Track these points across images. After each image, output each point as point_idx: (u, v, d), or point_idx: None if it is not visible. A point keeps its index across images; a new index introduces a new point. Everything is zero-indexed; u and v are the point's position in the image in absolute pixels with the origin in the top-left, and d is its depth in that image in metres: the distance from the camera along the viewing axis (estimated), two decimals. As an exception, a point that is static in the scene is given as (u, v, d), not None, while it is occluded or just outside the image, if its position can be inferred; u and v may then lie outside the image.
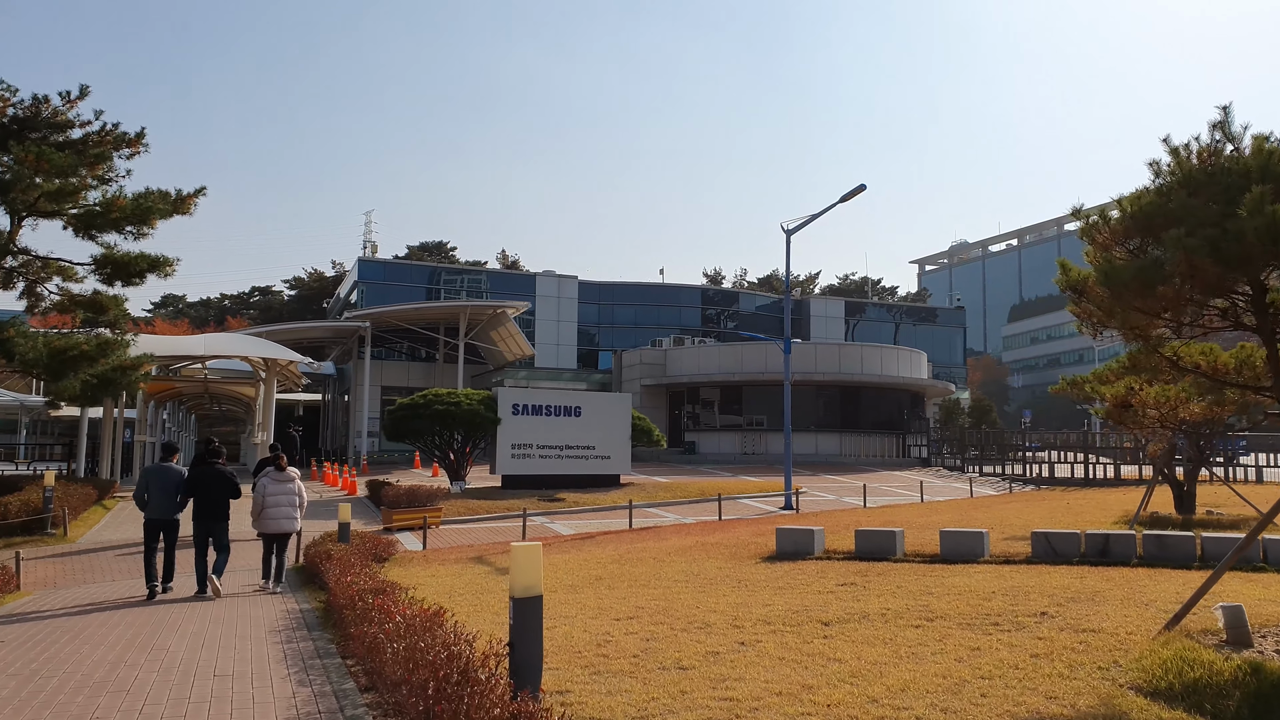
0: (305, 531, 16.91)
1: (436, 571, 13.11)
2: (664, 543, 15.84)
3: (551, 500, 22.49)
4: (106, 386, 19.91)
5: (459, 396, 23.70)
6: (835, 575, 10.55)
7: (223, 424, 72.25)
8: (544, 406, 24.73)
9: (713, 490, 25.56)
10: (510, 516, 20.87)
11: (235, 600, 10.94)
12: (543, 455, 24.57)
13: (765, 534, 16.35)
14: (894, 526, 13.15)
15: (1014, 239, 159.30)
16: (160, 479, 11.11)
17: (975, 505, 22.97)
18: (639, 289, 56.76)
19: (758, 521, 20.23)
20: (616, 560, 13.30)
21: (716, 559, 12.83)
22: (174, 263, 19.61)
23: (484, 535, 18.30)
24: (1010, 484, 30.40)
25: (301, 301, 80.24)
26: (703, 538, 16.26)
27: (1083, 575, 9.75)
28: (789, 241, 24.42)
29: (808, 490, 27.63)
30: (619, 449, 25.80)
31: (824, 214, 23.66)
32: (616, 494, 23.99)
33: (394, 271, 51.68)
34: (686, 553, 13.85)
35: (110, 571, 14.05)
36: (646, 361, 41.81)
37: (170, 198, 18.98)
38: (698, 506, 23.46)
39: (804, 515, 21.73)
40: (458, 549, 16.22)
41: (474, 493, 23.18)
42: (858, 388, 38.26)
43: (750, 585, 10.11)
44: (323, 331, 42.66)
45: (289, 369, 29.13)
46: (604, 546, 15.65)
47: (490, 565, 13.67)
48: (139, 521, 11.40)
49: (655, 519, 20.91)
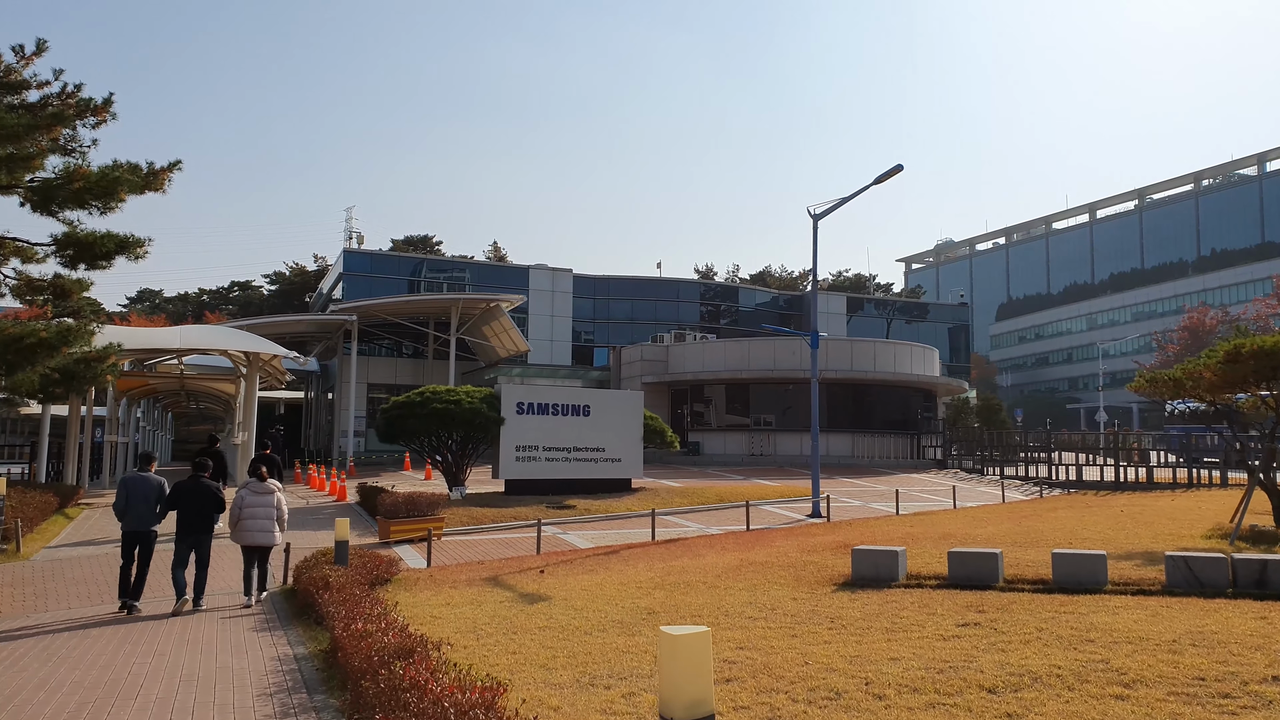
0: (295, 545, 15.08)
1: (450, 597, 11.22)
2: (702, 560, 13.99)
3: (561, 508, 20.61)
4: (70, 381, 17.80)
5: (459, 394, 21.74)
6: (944, 611, 8.74)
7: (201, 422, 69.72)
8: (551, 405, 22.80)
9: (730, 495, 23.76)
10: (518, 526, 18.98)
11: (215, 639, 9.01)
12: (549, 458, 22.66)
13: (814, 550, 14.55)
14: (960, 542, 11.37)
15: (1001, 237, 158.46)
16: (138, 489, 10.77)
17: (1020, 513, 21.25)
18: (636, 283, 54.67)
19: (792, 533, 18.43)
20: (660, 585, 11.45)
21: (780, 585, 10.99)
22: (145, 244, 17.55)
23: (492, 548, 16.40)
24: (1040, 488, 28.75)
25: (282, 296, 77.84)
26: (744, 554, 14.42)
27: (1266, 614, 7.99)
28: (816, 227, 22.64)
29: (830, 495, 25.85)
30: (631, 451, 23.92)
31: (856, 197, 21.89)
32: (630, 500, 22.12)
33: (381, 263, 49.38)
34: (737, 575, 12.02)
35: (65, 595, 12.06)
36: (647, 358, 39.89)
37: (141, 170, 16.92)
38: (718, 514, 21.62)
39: (838, 525, 19.94)
40: (467, 566, 14.32)
41: (475, 499, 21.25)
42: (870, 386, 36.51)
43: (847, 625, 8.28)
44: (306, 325, 40.49)
45: (272, 364, 27.03)
46: (635, 565, 13.78)
47: (510, 590, 11.78)
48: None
49: (677, 529, 19.07)
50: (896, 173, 20.95)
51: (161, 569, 11.76)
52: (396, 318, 39.73)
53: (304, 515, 19.96)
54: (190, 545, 10.83)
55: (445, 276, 50.59)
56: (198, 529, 10.86)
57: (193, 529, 10.83)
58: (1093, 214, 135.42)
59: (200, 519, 10.90)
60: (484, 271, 50.99)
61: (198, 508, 10.89)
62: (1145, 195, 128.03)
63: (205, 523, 10.95)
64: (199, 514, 10.89)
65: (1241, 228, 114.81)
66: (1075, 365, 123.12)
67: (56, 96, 15.93)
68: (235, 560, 14.36)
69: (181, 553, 10.77)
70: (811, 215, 22.58)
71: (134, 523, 10.72)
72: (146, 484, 10.87)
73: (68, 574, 13.61)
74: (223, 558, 14.32)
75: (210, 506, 11.00)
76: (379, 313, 38.36)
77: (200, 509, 10.91)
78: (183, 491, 10.89)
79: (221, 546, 14.09)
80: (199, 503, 10.91)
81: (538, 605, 10.36)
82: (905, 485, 29.53)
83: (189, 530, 10.80)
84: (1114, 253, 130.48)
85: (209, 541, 11.06)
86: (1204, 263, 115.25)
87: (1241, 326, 79.74)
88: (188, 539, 10.80)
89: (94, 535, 16.99)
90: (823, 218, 22.52)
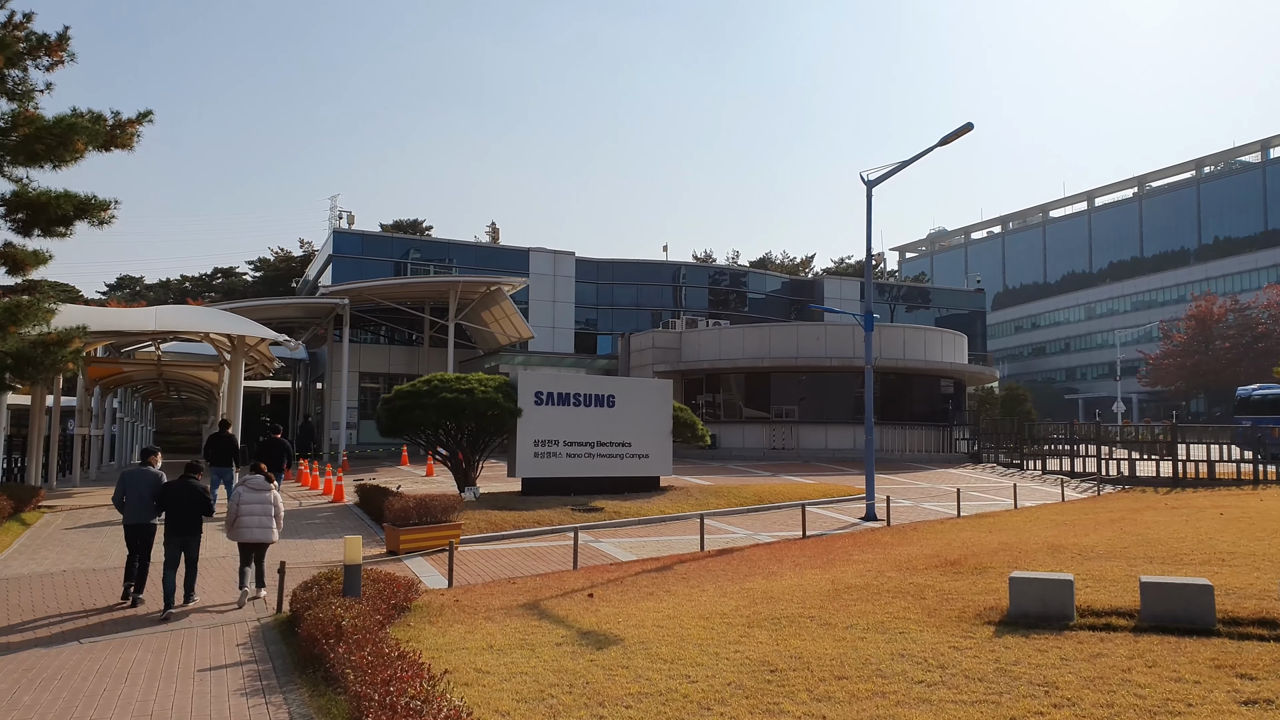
0: (291, 558, 12.80)
1: (490, 635, 8.87)
2: (780, 581, 11.67)
3: (587, 510, 18.25)
4: (25, 367, 15.31)
5: (470, 382, 19.30)
6: (1190, 674, 6.42)
7: (183, 413, 66.87)
8: (572, 395, 20.41)
9: (770, 495, 21.46)
10: (543, 532, 16.64)
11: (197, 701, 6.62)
12: (570, 454, 20.27)
13: (912, 568, 12.25)
14: (1076, 555, 9.06)
15: (997, 226, 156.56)
16: (136, 483, 10.94)
17: (1101, 515, 19.02)
18: (642, 267, 51.94)
19: (859, 541, 16.13)
20: (754, 620, 9.11)
21: (916, 622, 8.67)
22: (111, 206, 15.09)
23: (519, 561, 14.04)
24: (1097, 485, 26.57)
25: (267, 284, 74.96)
26: (828, 573, 12.11)
27: None
28: (870, 194, 20.30)
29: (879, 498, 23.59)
30: (659, 446, 21.56)
31: (916, 160, 19.57)
32: (661, 501, 19.77)
33: (372, 245, 46.52)
34: (844, 605, 9.70)
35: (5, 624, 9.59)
36: (659, 345, 37.41)
37: (104, 120, 14.42)
38: (762, 517, 19.34)
39: (905, 531, 17.66)
40: (496, 587, 11.94)
41: (490, 500, 18.85)
42: (899, 375, 34.20)
43: (1077, 702, 5.94)
44: (293, 310, 37.78)
45: (260, 349, 24.48)
46: (702, 587, 11.44)
47: (560, 622, 9.43)
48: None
49: (724, 536, 16.73)
50: (965, 132, 18.64)
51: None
52: (391, 301, 37.16)
53: (298, 519, 17.54)
54: (179, 545, 10.70)
55: (439, 263, 47.93)
56: (185, 530, 10.72)
57: (181, 529, 10.70)
58: (1091, 202, 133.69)
59: (188, 521, 10.74)
60: (482, 254, 48.25)
61: (186, 509, 10.74)
62: (1145, 183, 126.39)
63: (193, 524, 10.79)
64: (187, 516, 10.74)
65: (1244, 215, 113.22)
66: (1073, 355, 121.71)
67: (1, 25, 13.38)
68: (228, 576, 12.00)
69: (171, 554, 10.63)
70: (865, 181, 20.25)
71: (133, 516, 10.87)
72: (145, 477, 10.97)
73: (13, 594, 11.14)
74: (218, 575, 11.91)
75: (198, 509, 10.81)
76: (372, 296, 35.79)
77: (188, 510, 10.75)
78: (172, 492, 10.80)
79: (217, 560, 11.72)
80: (187, 504, 10.75)
81: (609, 652, 8.01)
82: (949, 483, 27.30)
83: (177, 530, 10.69)
84: (1113, 241, 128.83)
85: (197, 543, 10.89)
86: (1206, 251, 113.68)
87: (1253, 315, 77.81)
88: (175, 539, 10.67)
89: (53, 547, 14.47)
90: (878, 184, 20.20)
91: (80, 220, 14.91)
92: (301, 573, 12.17)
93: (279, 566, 10.73)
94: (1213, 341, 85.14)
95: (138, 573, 10.95)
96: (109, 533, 15.70)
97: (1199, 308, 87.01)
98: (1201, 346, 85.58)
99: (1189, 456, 27.30)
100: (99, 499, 20.64)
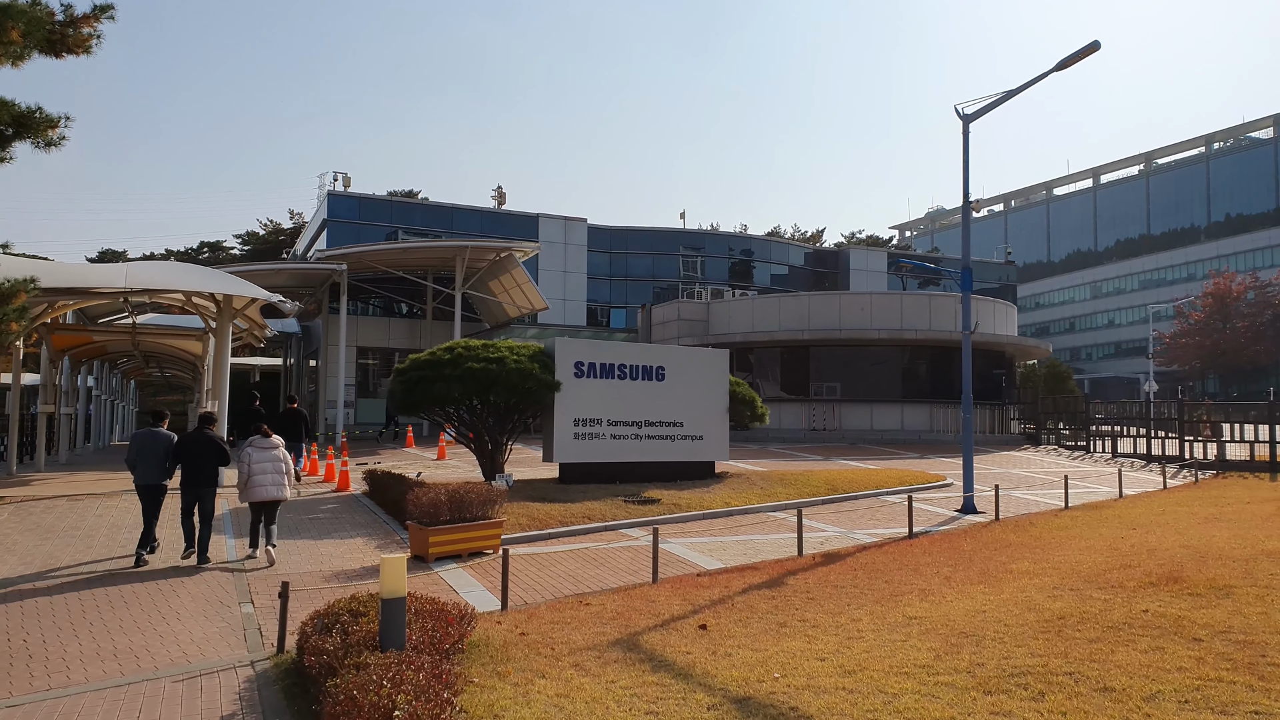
0: (293, 568, 10.32)
1: (599, 704, 5.96)
2: (945, 606, 8.80)
3: (640, 501, 15.33)
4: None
5: (501, 350, 16.29)
6: None
7: (168, 392, 63.52)
8: (618, 367, 17.45)
9: (841, 483, 18.59)
10: (595, 530, 13.73)
11: None
12: (615, 435, 17.33)
13: (1112, 584, 9.41)
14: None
15: (999, 204, 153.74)
16: (148, 444, 11.00)
17: (1258, 511, 16.20)
18: (658, 235, 48.58)
19: (977, 539, 13.31)
20: (988, 683, 6.23)
21: (1245, 686, 5.81)
22: (60, 123, 11.94)
23: (580, 569, 11.14)
24: (1194, 470, 23.80)
25: (255, 257, 71.59)
26: (997, 591, 9.24)
27: None
28: (966, 130, 17.36)
29: (953, 481, 20.77)
30: (715, 427, 18.65)
31: (1026, 89, 16.62)
32: (723, 491, 16.85)
33: (370, 209, 43.07)
34: (1081, 645, 6.88)
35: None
36: (685, 317, 34.32)
37: (46, 8, 11.28)
38: (844, 510, 16.48)
39: (1018, 527, 14.87)
40: (565, 609, 9.04)
41: (526, 490, 15.85)
42: (948, 348, 31.42)
43: None
44: (285, 278, 34.58)
45: (250, 314, 21.34)
46: (849, 614, 8.57)
47: (684, 675, 6.57)
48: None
49: (815, 534, 13.82)
50: (1092, 51, 15.68)
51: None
52: (392, 268, 34.05)
53: (298, 512, 14.59)
54: (194, 497, 10.93)
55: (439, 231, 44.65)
56: (200, 482, 10.91)
57: (195, 481, 10.90)
58: (1097, 179, 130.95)
59: (203, 473, 10.92)
60: (487, 219, 44.83)
61: (201, 460, 10.91)
62: (1152, 160, 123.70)
63: (208, 476, 10.96)
64: (202, 467, 10.91)
65: (1255, 192, 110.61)
66: (1078, 335, 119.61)
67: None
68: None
69: (187, 502, 10.94)
70: (961, 116, 17.29)
71: (144, 477, 10.90)
72: (156, 439, 11.05)
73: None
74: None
75: (214, 460, 10.97)
76: (372, 262, 32.67)
77: (203, 462, 10.92)
78: (187, 444, 10.98)
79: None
80: (202, 455, 10.92)
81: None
82: (1020, 467, 24.49)
83: (192, 483, 10.89)
84: (1119, 219, 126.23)
85: (212, 496, 11.01)
86: (1217, 229, 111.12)
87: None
88: (190, 490, 10.89)
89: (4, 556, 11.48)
90: (975, 119, 17.24)
91: (21, 140, 11.78)
92: (309, 596, 9.23)
93: (280, 590, 7.76)
94: (1230, 320, 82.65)
95: (144, 531, 10.96)
96: (64, 531, 12.70)
97: (1217, 285, 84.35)
98: (1219, 325, 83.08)
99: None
100: (63, 487, 17.60)
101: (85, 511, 14.28)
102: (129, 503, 15.04)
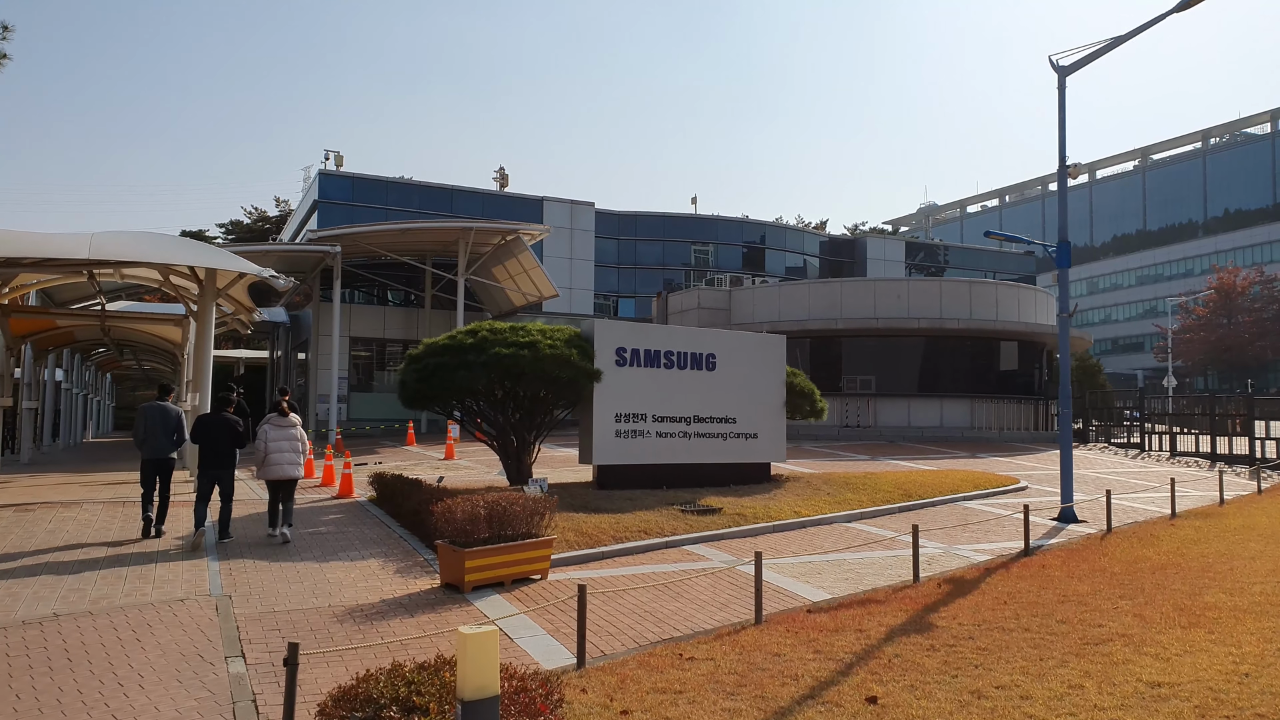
0: (292, 603, 7.60)
1: None
2: (1183, 665, 6.55)
3: (698, 511, 13.03)
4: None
5: (533, 334, 13.94)
6: None
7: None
8: (663, 353, 15.12)
9: (913, 487, 16.38)
10: (654, 547, 11.43)
11: None
12: (661, 433, 15.01)
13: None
14: None
15: (993, 199, 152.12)
16: (157, 418, 11.04)
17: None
18: (669, 221, 45.99)
19: (1114, 558, 11.10)
20: None
21: None
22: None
23: (654, 602, 8.85)
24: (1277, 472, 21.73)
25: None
26: (1226, 642, 7.03)
27: None
28: (1063, 83, 15.20)
29: (1031, 486, 18.58)
30: (770, 422, 16.36)
31: (1133, 37, 14.37)
32: (786, 497, 14.56)
33: (364, 189, 40.36)
34: None
35: None
36: (705, 304, 31.95)
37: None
38: (926, 519, 14.25)
39: (1143, 539, 12.67)
40: (663, 666, 6.77)
41: (561, 497, 13.39)
42: (990, 339, 29.13)
43: None
44: (273, 261, 31.53)
45: (236, 294, 18.84)
46: (1056, 674, 6.32)
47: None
48: None
49: (910, 551, 11.52)
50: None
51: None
52: (390, 252, 31.58)
53: (297, 525, 12.14)
54: (212, 480, 10.90)
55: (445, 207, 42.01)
56: (218, 464, 10.84)
57: (214, 463, 10.83)
58: (1092, 174, 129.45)
59: (220, 454, 10.84)
60: (489, 202, 42.25)
61: (218, 442, 10.81)
62: (1148, 155, 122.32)
63: (226, 458, 10.89)
64: (219, 449, 10.81)
65: (1252, 188, 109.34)
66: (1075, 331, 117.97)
67: None
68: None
69: (204, 487, 10.87)
70: (1056, 68, 15.09)
71: (152, 451, 10.94)
72: (165, 413, 11.14)
73: None
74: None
75: (230, 441, 10.90)
76: (369, 244, 30.19)
77: (220, 444, 10.82)
78: (205, 425, 10.90)
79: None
80: (219, 437, 10.82)
81: None
82: (1085, 468, 22.34)
83: (210, 465, 10.82)
84: (1115, 215, 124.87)
85: (231, 476, 11.00)
86: (1215, 224, 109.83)
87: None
88: (209, 473, 10.84)
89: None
90: (1072, 71, 15.02)
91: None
92: (319, 643, 6.87)
93: (286, 656, 5.34)
94: (1235, 315, 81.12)
95: (158, 508, 11.03)
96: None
97: (1221, 279, 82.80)
98: (1224, 320, 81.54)
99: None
100: (14, 494, 15.05)
101: (34, 526, 11.78)
102: (91, 514, 12.60)
